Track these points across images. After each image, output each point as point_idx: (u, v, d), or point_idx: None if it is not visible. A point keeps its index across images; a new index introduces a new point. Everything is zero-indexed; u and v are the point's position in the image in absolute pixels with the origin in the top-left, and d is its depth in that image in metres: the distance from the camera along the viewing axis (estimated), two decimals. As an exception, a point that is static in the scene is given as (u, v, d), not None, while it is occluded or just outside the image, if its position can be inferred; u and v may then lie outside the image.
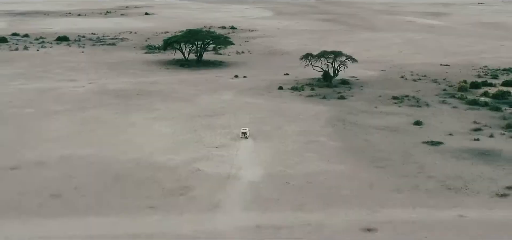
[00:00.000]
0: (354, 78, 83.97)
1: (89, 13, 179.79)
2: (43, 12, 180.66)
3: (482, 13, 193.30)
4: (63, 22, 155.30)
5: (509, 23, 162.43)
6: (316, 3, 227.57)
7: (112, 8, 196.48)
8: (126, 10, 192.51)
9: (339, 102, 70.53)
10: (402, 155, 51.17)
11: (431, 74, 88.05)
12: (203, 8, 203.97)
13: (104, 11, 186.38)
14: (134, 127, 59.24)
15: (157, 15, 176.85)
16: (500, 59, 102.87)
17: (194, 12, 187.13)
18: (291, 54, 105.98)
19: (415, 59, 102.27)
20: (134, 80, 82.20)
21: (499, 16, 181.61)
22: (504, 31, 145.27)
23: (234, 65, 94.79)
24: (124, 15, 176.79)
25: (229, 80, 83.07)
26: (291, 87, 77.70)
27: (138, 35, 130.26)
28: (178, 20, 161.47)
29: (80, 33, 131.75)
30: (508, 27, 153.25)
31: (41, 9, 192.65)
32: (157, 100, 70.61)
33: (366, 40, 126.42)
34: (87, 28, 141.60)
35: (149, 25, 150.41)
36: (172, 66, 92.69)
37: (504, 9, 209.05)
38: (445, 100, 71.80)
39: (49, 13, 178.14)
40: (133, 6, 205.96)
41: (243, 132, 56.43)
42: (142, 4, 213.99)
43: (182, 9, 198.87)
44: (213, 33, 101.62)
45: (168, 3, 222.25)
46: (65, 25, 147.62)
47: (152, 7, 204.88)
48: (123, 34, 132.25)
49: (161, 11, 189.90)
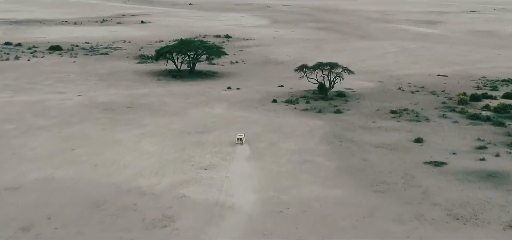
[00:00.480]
0: (350, 90, 79.11)
1: (85, 22, 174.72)
2: (39, 21, 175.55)
3: (475, 21, 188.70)
4: (58, 30, 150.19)
5: (502, 32, 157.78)
6: (311, 11, 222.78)
7: (109, 16, 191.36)
8: (122, 18, 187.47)
9: (335, 116, 65.62)
10: (403, 177, 46.27)
11: (429, 85, 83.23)
12: (199, 16, 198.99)
13: (101, 19, 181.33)
14: (120, 145, 54.23)
15: (153, 23, 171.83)
16: (498, 69, 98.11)
17: (190, 21, 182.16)
18: (286, 64, 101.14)
19: (411, 69, 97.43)
20: (124, 92, 77.22)
21: (493, 24, 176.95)
22: (498, 40, 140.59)
23: (227, 76, 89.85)
24: (120, 23, 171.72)
25: (222, 92, 78.13)
26: (285, 100, 72.81)
27: (132, 44, 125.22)
28: (173, 29, 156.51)
29: (74, 42, 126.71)
30: (502, 36, 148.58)
31: (39, 17, 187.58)
32: (146, 114, 65.66)
33: (361, 49, 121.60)
34: (82, 37, 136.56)
35: (144, 33, 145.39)
36: (164, 77, 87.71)
37: (496, 17, 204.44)
38: (445, 114, 66.92)
39: (45, 22, 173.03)
40: (130, 14, 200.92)
41: (239, 138, 54.76)
42: (139, 13, 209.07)
43: (178, 17, 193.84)
44: (206, 43, 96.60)
45: (165, 11, 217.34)
46: (59, 34, 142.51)
47: (149, 15, 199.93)
48: (117, 43, 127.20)
49: (157, 19, 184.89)
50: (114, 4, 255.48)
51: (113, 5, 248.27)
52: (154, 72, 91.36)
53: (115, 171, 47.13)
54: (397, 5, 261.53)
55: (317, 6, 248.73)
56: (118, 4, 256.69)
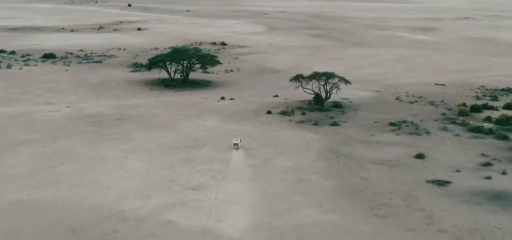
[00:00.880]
0: (347, 100, 74.75)
1: (82, 29, 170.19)
2: (36, 28, 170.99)
3: (469, 28, 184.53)
4: (55, 38, 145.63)
5: (497, 39, 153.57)
6: (307, 18, 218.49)
7: (106, 23, 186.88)
8: (119, 25, 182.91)
9: (332, 129, 61.25)
10: (406, 199, 41.91)
11: (427, 95, 78.91)
12: (195, 23, 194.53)
13: (98, 26, 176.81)
14: (105, 163, 49.79)
15: (150, 30, 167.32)
16: (496, 78, 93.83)
17: (186, 28, 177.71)
18: (282, 72, 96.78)
19: (409, 78, 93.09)
20: (115, 103, 72.81)
21: (487, 31, 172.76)
22: (494, 47, 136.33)
23: (221, 85, 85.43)
24: (117, 30, 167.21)
25: (215, 102, 73.74)
26: (280, 111, 68.41)
27: (127, 52, 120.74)
28: (169, 36, 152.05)
29: (69, 49, 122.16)
30: (497, 43, 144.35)
31: (37, 24, 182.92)
32: (135, 127, 61.23)
33: (357, 57, 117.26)
34: (77, 44, 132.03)
35: (139, 41, 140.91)
36: (156, 87, 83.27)
37: (490, 24, 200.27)
38: (446, 126, 62.59)
39: (42, 29, 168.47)
40: (127, 21, 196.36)
41: (235, 143, 53.19)
42: (136, 19, 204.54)
43: (175, 24, 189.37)
44: (199, 52, 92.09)
45: (162, 18, 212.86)
46: (56, 41, 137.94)
47: (146, 22, 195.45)
48: (112, 50, 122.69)
49: (154, 26, 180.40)
50: (112, 11, 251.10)
51: (112, 12, 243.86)
52: (147, 81, 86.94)
53: (97, 192, 42.71)
54: (392, 12, 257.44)
55: (313, 13, 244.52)
56: (116, 11, 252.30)
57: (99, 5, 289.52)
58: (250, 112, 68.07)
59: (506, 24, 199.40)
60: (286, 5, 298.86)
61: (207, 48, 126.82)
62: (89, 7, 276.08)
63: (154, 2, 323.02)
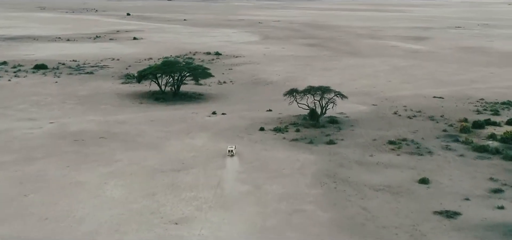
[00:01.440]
0: (343, 115, 68.65)
1: (79, 38, 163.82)
2: (33, 37, 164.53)
3: (461, 37, 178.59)
4: (50, 47, 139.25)
5: (491, 48, 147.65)
6: (301, 27, 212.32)
7: (103, 33, 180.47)
8: (116, 34, 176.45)
9: (328, 148, 55.12)
10: (412, 235, 35.84)
11: (426, 109, 72.85)
12: (191, 32, 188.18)
13: (94, 35, 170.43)
14: (81, 189, 43.56)
15: (145, 40, 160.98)
16: (495, 90, 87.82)
17: (182, 37, 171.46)
18: (276, 84, 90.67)
19: (405, 90, 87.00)
20: (101, 119, 66.58)
21: (479, 41, 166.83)
22: (488, 57, 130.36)
23: (213, 98, 79.24)
24: (113, 39, 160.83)
25: (206, 117, 67.55)
26: (274, 127, 62.27)
27: (121, 62, 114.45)
28: (164, 46, 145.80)
29: (62, 60, 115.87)
30: (490, 53, 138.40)
31: (34, 33, 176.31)
32: (119, 146, 55.04)
33: (352, 67, 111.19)
34: (71, 54, 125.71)
35: (134, 50, 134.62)
36: (146, 100, 77.06)
37: (482, 33, 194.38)
38: (449, 145, 56.49)
39: (39, 38, 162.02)
40: (124, 31, 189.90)
41: (230, 150, 51.02)
42: (133, 28, 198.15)
43: (171, 33, 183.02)
44: (191, 64, 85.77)
45: (159, 27, 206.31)
46: (50, 51, 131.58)
47: (143, 31, 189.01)
48: (105, 60, 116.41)
49: (150, 35, 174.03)
50: (111, 20, 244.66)
51: (110, 21, 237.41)
52: (137, 94, 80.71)
53: (67, 227, 36.50)
54: (384, 21, 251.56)
55: (307, 22, 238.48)
56: (115, 20, 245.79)
57: (99, 14, 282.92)
58: (242, 129, 61.89)
59: (497, 33, 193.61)
60: (281, 14, 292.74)
61: (201, 58, 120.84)
62: (89, 16, 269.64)
63: (152, 11, 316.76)
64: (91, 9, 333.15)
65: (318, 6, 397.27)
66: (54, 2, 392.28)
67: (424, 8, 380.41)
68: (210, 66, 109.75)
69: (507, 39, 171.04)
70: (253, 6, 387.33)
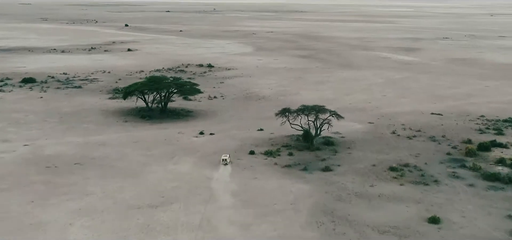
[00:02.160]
0: (339, 134, 60.87)
1: (74, 49, 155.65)
2: (28, 49, 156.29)
3: (451, 48, 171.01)
4: (43, 59, 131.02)
5: (482, 60, 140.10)
6: (294, 38, 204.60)
7: (98, 44, 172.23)
8: (111, 46, 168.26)
9: (324, 176, 47.31)
10: None
11: (425, 128, 65.15)
12: (186, 43, 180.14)
13: (90, 47, 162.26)
14: (43, 232, 35.65)
15: (140, 51, 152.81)
16: (493, 105, 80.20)
17: (176, 48, 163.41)
18: (268, 99, 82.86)
19: (401, 106, 79.27)
20: (81, 140, 58.65)
21: (469, 52, 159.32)
22: (480, 69, 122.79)
23: (202, 115, 71.36)
24: (108, 51, 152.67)
25: (193, 138, 59.65)
26: (265, 151, 54.40)
27: (111, 75, 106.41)
28: (158, 57, 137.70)
29: (53, 72, 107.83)
30: (483, 64, 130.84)
31: (31, 45, 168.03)
32: (95, 175, 47.09)
33: (345, 80, 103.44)
34: (63, 66, 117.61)
35: (127, 62, 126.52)
36: (132, 118, 69.13)
37: (470, 44, 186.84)
38: (456, 172, 48.72)
39: (34, 50, 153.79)
40: (119, 42, 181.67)
41: (224, 159, 49.10)
42: (129, 40, 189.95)
43: (166, 44, 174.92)
44: (179, 80, 77.46)
45: (155, 38, 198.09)
46: (42, 63, 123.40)
47: (138, 42, 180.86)
48: (96, 73, 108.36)
49: (145, 47, 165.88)
50: (109, 31, 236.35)
51: (108, 32, 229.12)
52: (122, 111, 72.79)
53: (14, 289, 28.47)
54: (375, 32, 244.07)
55: (300, 33, 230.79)
56: (113, 31, 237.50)
57: (98, 25, 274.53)
58: (231, 152, 53.93)
59: (486, 44, 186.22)
60: (274, 25, 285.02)
61: (193, 71, 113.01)
62: (88, 27, 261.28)
63: (150, 22, 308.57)
64: (91, 20, 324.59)
65: (310, 17, 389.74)
66: (57, 13, 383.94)
67: (412, 19, 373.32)
68: (202, 79, 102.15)
69: (497, 50, 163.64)
70: (248, 17, 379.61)
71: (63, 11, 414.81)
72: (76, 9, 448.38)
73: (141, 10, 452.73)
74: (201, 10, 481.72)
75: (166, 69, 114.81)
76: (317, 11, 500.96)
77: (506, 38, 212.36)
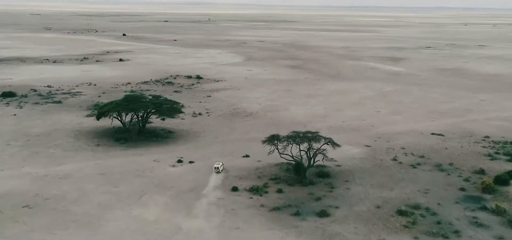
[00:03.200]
0: (334, 162, 48.93)
1: (66, 59, 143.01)
2: (21, 59, 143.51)
3: (435, 58, 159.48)
4: (32, 70, 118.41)
5: (468, 70, 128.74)
6: (283, 47, 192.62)
7: (92, 54, 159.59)
8: (104, 55, 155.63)
9: (321, 224, 35.47)
10: None
11: (428, 152, 53.45)
12: (178, 53, 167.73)
13: (82, 57, 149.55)
14: None
15: (131, 61, 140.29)
16: (494, 123, 68.72)
17: (168, 58, 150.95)
18: (256, 116, 70.96)
19: (398, 124, 67.56)
20: (40, 171, 46.52)
21: (454, 62, 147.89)
22: (469, 80, 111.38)
23: (184, 137, 59.32)
24: (99, 61, 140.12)
25: (169, 168, 47.60)
26: (250, 186, 42.45)
27: (97, 88, 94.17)
28: (148, 68, 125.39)
29: (37, 85, 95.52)
30: (470, 75, 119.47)
31: (27, 54, 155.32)
32: (42, 226, 35.00)
33: (335, 93, 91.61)
34: (50, 78, 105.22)
35: (115, 74, 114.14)
36: (105, 141, 56.99)
37: (453, 53, 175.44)
38: (477, 217, 37.04)
39: (26, 60, 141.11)
40: (113, 51, 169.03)
41: (216, 167, 42.45)
42: (124, 49, 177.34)
43: (158, 54, 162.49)
44: (158, 98, 64.76)
45: (149, 48, 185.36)
46: (29, 74, 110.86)
47: (132, 52, 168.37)
48: (81, 86, 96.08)
49: (137, 57, 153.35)
50: (107, 40, 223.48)
51: (105, 41, 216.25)
52: (97, 132, 60.67)
53: None
54: (360, 41, 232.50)
55: (288, 42, 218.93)
56: (110, 40, 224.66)
57: (98, 35, 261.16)
58: (210, 188, 41.89)
59: (468, 53, 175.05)
60: (264, 35, 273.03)
61: (182, 83, 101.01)
62: (87, 36, 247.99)
63: (148, 31, 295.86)
64: (92, 29, 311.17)
65: (298, 26, 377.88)
66: (62, 23, 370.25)
67: (393, 29, 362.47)
68: (189, 92, 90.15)
69: (481, 60, 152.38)
70: (240, 26, 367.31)
71: (68, 21, 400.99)
72: (82, 19, 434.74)
73: (141, 20, 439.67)
74: (197, 20, 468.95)
75: (154, 81, 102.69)
76: (304, 21, 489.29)
77: (485, 47, 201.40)
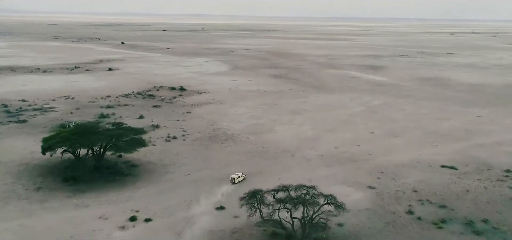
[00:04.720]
0: (331, 213, 31.43)
1: (57, 69, 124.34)
2: (12, 68, 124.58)
3: (411, 66, 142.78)
4: (15, 82, 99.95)
5: (447, 79, 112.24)
6: (266, 55, 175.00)
7: (85, 62, 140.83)
8: (96, 64, 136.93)
9: None
10: None
11: (448, 199, 36.56)
12: (168, 61, 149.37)
13: (74, 66, 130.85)
14: None
15: (119, 71, 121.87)
16: (506, 149, 52.12)
17: (156, 67, 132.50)
18: (237, 140, 53.49)
19: (398, 151, 50.57)
20: None
21: (431, 70, 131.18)
22: (454, 91, 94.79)
23: (148, 174, 41.72)
24: (88, 71, 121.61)
25: (115, 234, 29.95)
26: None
27: (74, 102, 76.26)
28: (133, 78, 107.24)
29: (11, 99, 77.81)
30: (452, 85, 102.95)
31: (21, 64, 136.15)
32: None
33: (322, 108, 74.40)
34: (29, 90, 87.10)
35: (100, 85, 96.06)
36: (50, 181, 39.30)
37: (426, 61, 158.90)
38: None
39: (18, 69, 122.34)
40: (106, 60, 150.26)
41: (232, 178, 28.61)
42: (115, 58, 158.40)
43: (148, 63, 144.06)
44: (119, 127, 46.57)
45: (141, 56, 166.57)
46: (9, 87, 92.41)
47: (123, 60, 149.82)
48: (58, 100, 78.18)
49: (127, 65, 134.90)
50: (104, 48, 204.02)
51: (102, 50, 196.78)
52: (47, 166, 42.98)
53: None
54: (337, 49, 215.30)
55: (271, 50, 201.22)
56: (108, 48, 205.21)
57: (98, 43, 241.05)
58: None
59: (440, 61, 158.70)
60: (250, 43, 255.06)
61: (163, 95, 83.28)
62: (87, 45, 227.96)
63: (145, 40, 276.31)
64: (95, 38, 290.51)
65: (280, 35, 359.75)
66: (71, 32, 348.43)
67: (365, 37, 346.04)
68: (169, 107, 72.46)
69: (455, 69, 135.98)
70: (230, 35, 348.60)
71: (77, 31, 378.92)
72: (90, 29, 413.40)
73: (142, 30, 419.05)
74: (192, 29, 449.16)
75: (135, 94, 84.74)
76: (284, 30, 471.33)
77: (454, 55, 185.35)
